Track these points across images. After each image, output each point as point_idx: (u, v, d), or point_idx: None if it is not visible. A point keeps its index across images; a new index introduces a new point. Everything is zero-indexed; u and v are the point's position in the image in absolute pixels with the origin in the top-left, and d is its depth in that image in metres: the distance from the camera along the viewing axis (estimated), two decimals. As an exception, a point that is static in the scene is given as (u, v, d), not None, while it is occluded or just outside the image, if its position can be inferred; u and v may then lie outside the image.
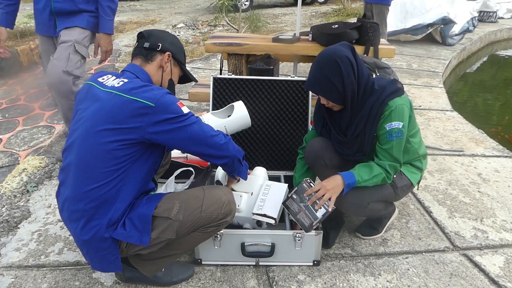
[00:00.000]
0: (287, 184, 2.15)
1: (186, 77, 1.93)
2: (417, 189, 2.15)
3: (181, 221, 1.59)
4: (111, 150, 1.49)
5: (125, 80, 1.57)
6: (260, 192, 2.07)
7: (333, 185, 1.84)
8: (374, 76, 2.03)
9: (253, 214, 1.94)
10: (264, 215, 1.92)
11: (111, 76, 1.64)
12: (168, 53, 1.76)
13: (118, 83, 1.56)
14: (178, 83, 1.93)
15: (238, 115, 2.08)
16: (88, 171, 1.50)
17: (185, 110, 1.56)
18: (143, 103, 1.48)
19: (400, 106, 1.84)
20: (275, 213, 1.92)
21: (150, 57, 1.73)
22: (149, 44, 1.72)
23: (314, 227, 1.83)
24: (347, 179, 1.85)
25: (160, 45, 1.74)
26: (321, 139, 2.11)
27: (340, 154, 2.05)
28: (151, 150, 1.60)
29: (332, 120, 2.04)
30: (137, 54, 1.75)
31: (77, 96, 1.68)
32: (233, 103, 2.14)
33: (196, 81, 2.02)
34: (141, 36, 1.77)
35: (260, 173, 2.19)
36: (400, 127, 1.84)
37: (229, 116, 2.10)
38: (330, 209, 1.82)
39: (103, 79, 1.63)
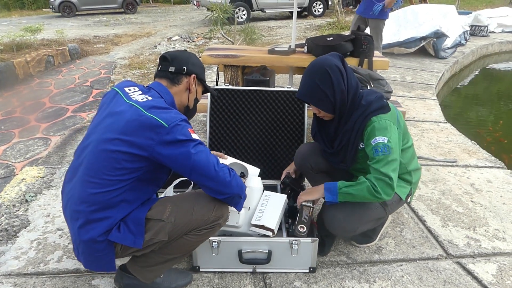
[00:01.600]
0: (286, 195, 2.18)
1: (205, 90, 1.97)
2: (409, 202, 2.16)
3: (173, 223, 1.63)
4: (120, 160, 1.53)
5: (149, 98, 1.63)
6: (258, 202, 2.09)
7: (308, 192, 1.98)
8: (369, 87, 2.06)
9: (252, 225, 1.96)
10: (263, 227, 1.94)
11: (137, 89, 1.70)
12: (193, 75, 1.81)
13: (142, 99, 1.62)
14: None
15: (255, 190, 2.09)
16: (95, 175, 1.54)
17: (195, 136, 1.60)
18: (158, 121, 1.53)
19: (384, 122, 1.83)
20: (273, 224, 1.95)
21: (177, 80, 1.78)
22: (175, 68, 1.77)
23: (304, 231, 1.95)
24: (328, 184, 1.91)
25: (185, 68, 1.79)
26: (309, 144, 2.23)
27: (328, 161, 2.12)
28: (158, 168, 1.64)
29: (321, 131, 2.08)
30: (162, 76, 1.79)
31: (103, 98, 1.75)
32: (250, 169, 2.13)
33: (215, 94, 2.08)
34: (164, 59, 1.80)
35: (255, 184, 2.18)
36: (385, 142, 1.81)
37: (242, 175, 2.11)
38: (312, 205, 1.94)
39: (129, 89, 1.69)
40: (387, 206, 2.01)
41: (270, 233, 1.93)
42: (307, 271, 2.03)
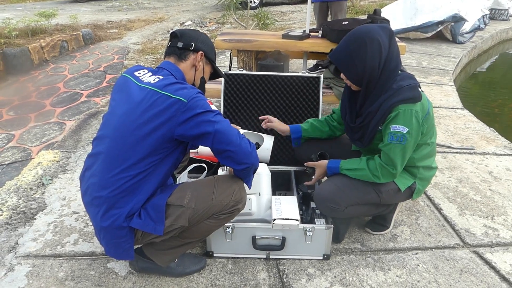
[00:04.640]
0: (295, 196, 2.16)
1: (215, 74, 1.97)
2: (413, 199, 2.07)
3: (193, 208, 1.63)
4: (143, 144, 1.54)
5: (161, 77, 1.63)
6: (272, 205, 2.03)
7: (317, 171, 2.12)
8: (404, 71, 1.95)
9: (275, 219, 1.90)
10: (287, 219, 1.91)
11: (147, 71, 1.70)
12: (201, 52, 1.80)
13: (154, 80, 1.62)
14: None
15: (264, 150, 2.08)
16: (118, 161, 1.55)
17: (214, 107, 1.61)
18: (176, 98, 1.53)
19: (409, 112, 1.77)
20: (296, 215, 1.92)
21: (184, 56, 1.77)
22: (183, 43, 1.77)
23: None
24: (331, 163, 2.02)
25: (193, 44, 1.78)
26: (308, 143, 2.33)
27: (348, 136, 2.12)
28: (178, 147, 1.65)
29: (351, 100, 2.02)
30: (170, 53, 1.79)
31: (114, 87, 1.75)
32: (264, 135, 2.12)
33: (224, 77, 2.04)
34: (174, 36, 1.80)
35: (262, 170, 2.15)
36: (404, 132, 1.77)
37: (256, 145, 2.09)
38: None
39: (139, 73, 1.69)
40: (381, 193, 1.95)
41: (296, 223, 1.90)
42: (321, 258, 2.02)
